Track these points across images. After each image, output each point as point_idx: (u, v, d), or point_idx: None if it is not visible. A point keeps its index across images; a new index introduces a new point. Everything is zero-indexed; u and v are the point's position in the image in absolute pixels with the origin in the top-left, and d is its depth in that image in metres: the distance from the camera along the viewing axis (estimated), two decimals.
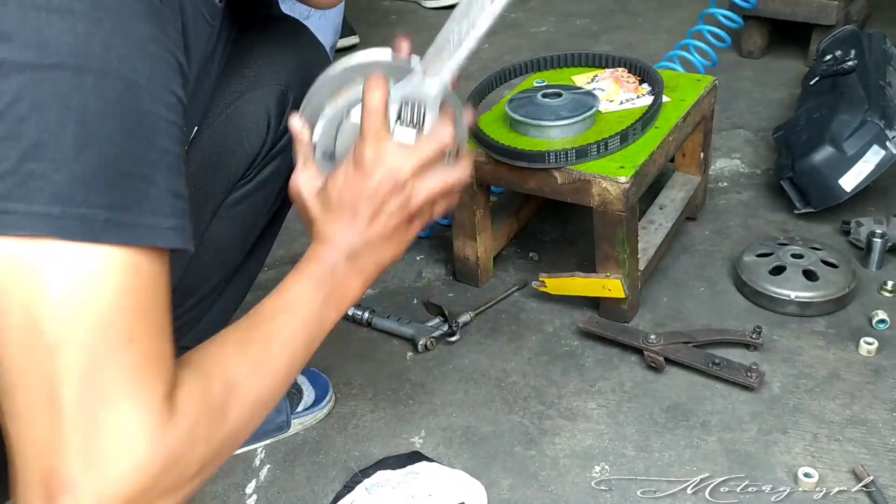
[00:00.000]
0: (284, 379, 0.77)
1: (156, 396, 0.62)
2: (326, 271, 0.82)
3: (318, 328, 0.81)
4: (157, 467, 0.62)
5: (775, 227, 1.58)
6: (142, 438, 0.61)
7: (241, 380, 0.71)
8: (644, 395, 1.23)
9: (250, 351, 0.74)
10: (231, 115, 0.99)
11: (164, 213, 0.63)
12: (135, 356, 0.61)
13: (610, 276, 1.31)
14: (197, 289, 1.05)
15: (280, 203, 1.08)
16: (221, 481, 1.14)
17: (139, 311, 0.62)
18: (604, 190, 1.24)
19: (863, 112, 1.51)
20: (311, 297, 0.80)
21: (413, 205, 0.82)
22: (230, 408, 0.70)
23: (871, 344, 1.26)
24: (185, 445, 0.64)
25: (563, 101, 1.35)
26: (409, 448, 1.17)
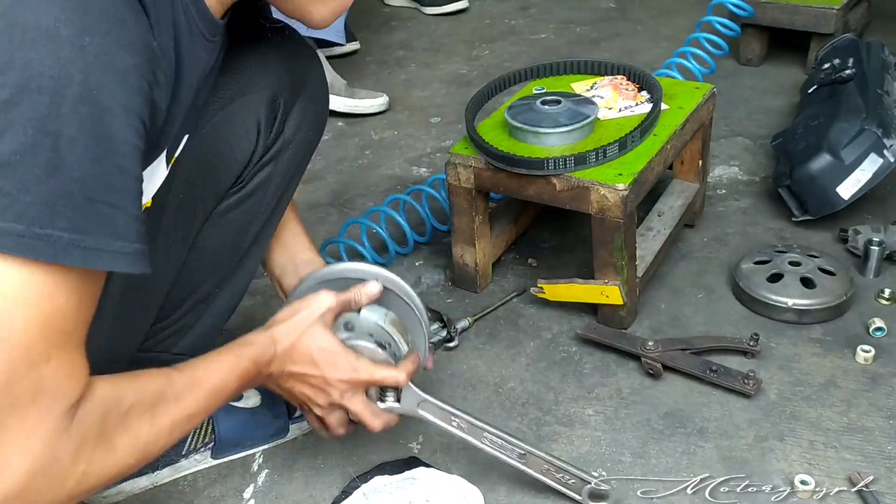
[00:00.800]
0: (178, 436, 0.83)
1: (60, 408, 0.67)
2: (258, 365, 0.93)
3: (218, 407, 0.90)
4: (41, 471, 0.67)
5: (773, 234, 1.58)
6: (37, 442, 0.66)
7: (140, 425, 0.77)
8: (641, 401, 1.23)
9: (160, 406, 0.80)
10: (220, 122, 1.00)
11: (130, 238, 0.66)
12: (50, 373, 0.66)
13: (608, 283, 1.31)
14: (189, 295, 1.06)
15: (273, 208, 1.08)
16: (219, 486, 1.15)
17: (64, 332, 0.66)
18: (602, 197, 1.25)
19: (861, 120, 1.51)
20: (232, 387, 0.89)
21: (333, 400, 1.00)
22: (119, 441, 0.74)
23: (868, 352, 1.26)
24: (70, 456, 0.69)
25: (562, 109, 1.35)
26: (407, 454, 1.17)
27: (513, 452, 1.05)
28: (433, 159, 1.98)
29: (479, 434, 1.06)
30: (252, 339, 0.95)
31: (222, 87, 0.99)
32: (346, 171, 1.96)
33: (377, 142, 2.08)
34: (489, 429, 1.05)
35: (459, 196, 1.40)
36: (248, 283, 1.13)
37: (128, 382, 0.79)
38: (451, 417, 1.06)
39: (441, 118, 2.17)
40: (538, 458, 1.05)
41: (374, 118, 2.20)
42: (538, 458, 1.05)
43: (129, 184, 0.65)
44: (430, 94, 2.32)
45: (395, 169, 1.95)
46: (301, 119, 1.07)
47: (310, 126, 1.09)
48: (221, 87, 0.99)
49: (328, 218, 1.77)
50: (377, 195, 1.83)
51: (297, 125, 1.07)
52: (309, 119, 1.08)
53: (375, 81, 2.42)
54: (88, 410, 0.71)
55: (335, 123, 2.18)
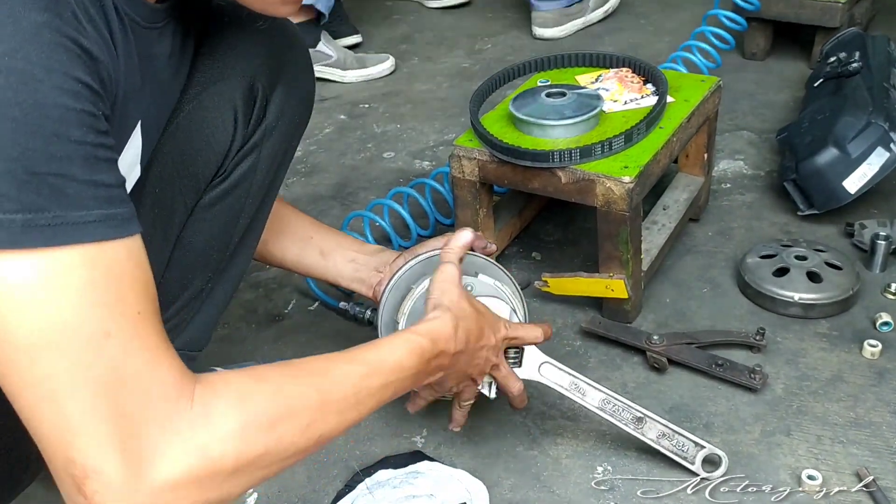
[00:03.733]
0: (350, 420, 0.77)
1: (166, 391, 0.62)
2: (438, 350, 0.90)
3: (395, 392, 0.85)
4: (195, 464, 0.62)
5: (779, 228, 1.57)
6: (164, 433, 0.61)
7: (302, 409, 0.71)
8: (647, 395, 1.22)
9: (324, 386, 0.75)
10: (194, 111, 0.95)
11: (87, 206, 0.60)
12: (118, 350, 0.61)
13: (613, 277, 1.30)
14: (180, 293, 1.03)
15: (262, 199, 1.05)
16: None
17: (108, 305, 0.61)
18: (608, 190, 1.24)
19: (867, 114, 1.50)
20: (408, 365, 0.85)
21: (493, 363, 1.01)
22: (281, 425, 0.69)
23: (875, 346, 1.25)
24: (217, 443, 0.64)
25: (568, 101, 1.34)
26: (411, 447, 1.16)
27: (629, 417, 1.07)
28: (436, 152, 1.97)
29: (598, 397, 1.08)
30: (427, 319, 0.93)
31: (194, 75, 0.95)
32: (349, 164, 1.95)
33: (379, 135, 2.07)
34: (608, 392, 1.08)
35: (463, 189, 1.39)
36: (241, 276, 1.10)
37: (267, 368, 0.74)
38: (571, 380, 1.08)
39: (444, 111, 2.16)
40: (654, 423, 1.07)
41: (377, 111, 2.19)
42: (655, 422, 1.07)
43: (72, 149, 0.60)
44: (433, 88, 2.30)
45: (397, 162, 1.94)
46: (284, 104, 1.02)
47: (294, 111, 1.04)
48: (193, 75, 0.95)
49: (330, 211, 1.76)
50: (380, 188, 1.82)
51: (280, 110, 1.02)
52: (293, 104, 1.03)
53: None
54: (213, 393, 0.65)
55: (337, 116, 2.17)
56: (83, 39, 0.62)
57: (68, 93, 0.60)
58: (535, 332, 1.06)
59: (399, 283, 1.10)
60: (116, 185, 0.64)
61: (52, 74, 0.59)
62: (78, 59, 0.61)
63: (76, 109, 0.60)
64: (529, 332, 1.06)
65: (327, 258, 1.18)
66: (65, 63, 0.60)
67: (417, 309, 1.04)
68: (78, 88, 0.61)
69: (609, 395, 1.08)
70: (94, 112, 0.62)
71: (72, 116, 0.60)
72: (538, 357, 1.08)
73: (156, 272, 0.99)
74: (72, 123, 0.60)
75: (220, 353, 1.34)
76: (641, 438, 1.07)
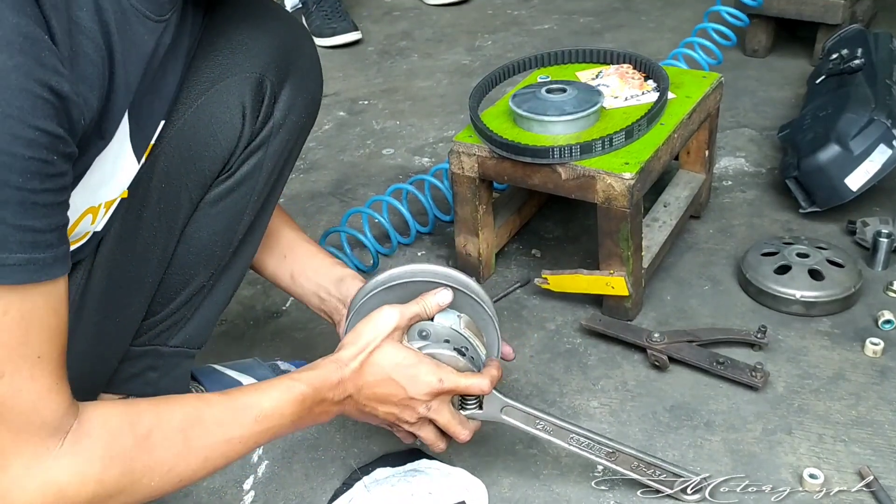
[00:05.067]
0: (218, 464, 0.81)
1: (39, 430, 0.67)
2: (319, 398, 0.90)
3: (272, 437, 0.86)
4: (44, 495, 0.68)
5: (780, 226, 1.56)
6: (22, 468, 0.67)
7: (166, 450, 0.76)
8: (647, 393, 1.21)
9: (194, 430, 0.78)
10: (202, 107, 0.95)
11: (10, 249, 0.63)
12: (6, 389, 0.65)
13: (613, 274, 1.29)
14: (182, 289, 1.03)
15: (266, 197, 1.04)
16: (219, 477, 1.13)
17: (8, 347, 0.65)
18: (608, 186, 1.23)
19: (869, 111, 1.49)
20: (286, 413, 0.86)
21: (420, 415, 0.98)
22: (138, 465, 0.74)
23: (878, 344, 1.24)
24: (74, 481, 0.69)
25: (568, 97, 1.33)
26: (410, 446, 1.15)
27: (601, 451, 1.03)
28: (435, 149, 1.96)
29: (566, 435, 1.03)
30: (315, 364, 0.93)
31: (203, 71, 0.95)
32: (348, 160, 1.94)
33: (379, 131, 2.06)
34: (575, 429, 1.03)
35: (463, 185, 1.38)
36: (243, 273, 1.10)
37: (145, 406, 0.77)
38: (536, 420, 1.03)
39: (443, 108, 2.15)
40: (627, 456, 1.03)
41: (377, 108, 2.18)
42: (628, 455, 1.03)
43: (8, 194, 0.62)
44: (433, 85, 2.29)
45: (397, 159, 1.93)
46: (291, 101, 1.01)
47: (301, 109, 1.03)
48: (202, 71, 0.95)
49: (329, 208, 1.75)
50: (379, 185, 1.81)
51: (288, 108, 1.01)
52: (301, 101, 1.03)
53: (377, 71, 2.40)
54: (85, 433, 0.70)
55: (336, 113, 2.16)
56: (55, 80, 0.64)
57: (21, 140, 0.62)
58: (482, 383, 0.98)
59: (353, 322, 1.04)
60: (48, 230, 0.66)
61: (8, 121, 0.61)
62: (43, 106, 0.63)
63: (24, 157, 0.62)
64: (474, 384, 0.98)
65: (296, 283, 1.15)
66: (25, 111, 0.62)
67: None
68: (33, 136, 0.62)
69: (578, 434, 1.03)
70: (46, 158, 0.64)
71: (17, 164, 0.62)
72: (500, 401, 1.02)
73: (159, 267, 1.00)
74: (14, 170, 0.62)
75: (218, 349, 1.33)
76: (617, 471, 1.04)
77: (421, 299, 1.00)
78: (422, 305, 0.99)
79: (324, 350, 1.33)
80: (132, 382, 1.08)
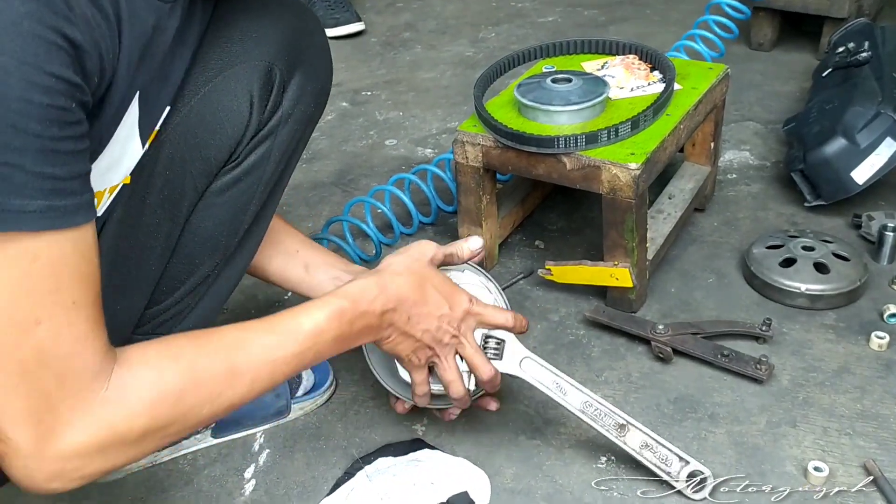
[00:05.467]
0: (260, 387, 0.82)
1: (81, 375, 0.68)
2: (360, 311, 0.90)
3: (316, 356, 0.87)
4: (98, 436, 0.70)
5: (785, 219, 1.55)
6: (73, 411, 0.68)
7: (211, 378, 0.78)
8: (651, 385, 1.21)
9: (236, 354, 0.80)
10: (209, 94, 0.94)
11: (30, 196, 0.63)
12: (47, 336, 0.66)
13: (618, 265, 1.29)
14: (186, 278, 1.02)
15: (273, 187, 1.04)
16: (220, 465, 1.12)
17: (43, 294, 0.66)
18: (613, 176, 1.22)
19: (876, 104, 1.48)
20: (326, 329, 0.87)
21: (454, 333, 0.98)
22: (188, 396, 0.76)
23: (883, 338, 1.24)
24: (124, 415, 0.71)
25: (573, 87, 1.32)
26: (411, 436, 1.15)
27: (611, 423, 1.02)
28: (438, 140, 1.95)
29: (579, 399, 1.03)
30: (355, 279, 0.94)
31: (211, 58, 0.94)
32: (350, 151, 1.93)
33: (382, 122, 2.05)
34: (590, 395, 1.03)
35: (467, 175, 1.37)
36: (248, 263, 1.09)
37: (184, 340, 0.79)
38: (553, 378, 1.04)
39: (447, 100, 2.14)
40: (638, 432, 1.02)
41: (380, 98, 2.17)
42: (638, 431, 1.02)
43: (28, 141, 0.62)
44: (436, 76, 2.28)
45: (399, 150, 1.92)
46: (300, 92, 1.01)
47: (311, 99, 1.03)
48: (210, 58, 0.94)
49: (331, 198, 1.74)
50: (381, 175, 1.80)
51: (297, 98, 1.00)
52: (310, 91, 1.02)
53: (380, 62, 2.39)
54: (128, 373, 0.72)
55: (339, 104, 2.15)
56: (69, 28, 0.63)
57: (37, 87, 0.62)
58: (506, 315, 1.02)
59: None
60: (69, 177, 0.66)
61: (23, 67, 0.60)
62: (57, 52, 0.63)
63: (42, 104, 0.62)
64: (499, 314, 1.01)
65: (311, 274, 1.16)
66: (40, 56, 0.61)
67: None
68: (50, 83, 0.62)
69: (591, 398, 1.03)
70: (64, 105, 0.64)
71: (34, 110, 0.62)
72: (520, 351, 1.04)
73: (162, 256, 0.99)
74: (32, 117, 0.62)
75: None
76: (623, 447, 1.03)
77: (454, 244, 1.05)
78: (455, 247, 1.04)
79: None
80: None
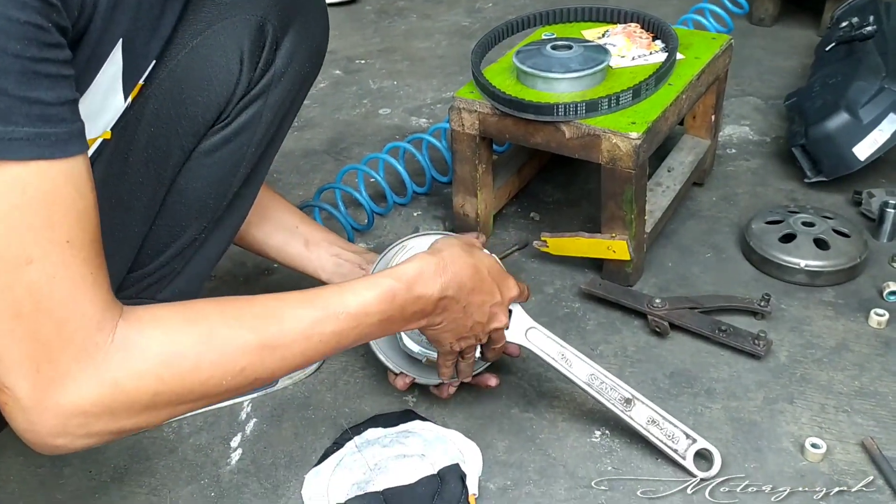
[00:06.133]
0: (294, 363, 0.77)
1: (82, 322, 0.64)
2: (414, 295, 0.87)
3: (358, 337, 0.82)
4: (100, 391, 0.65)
5: (784, 195, 1.53)
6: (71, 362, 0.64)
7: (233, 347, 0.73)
8: (647, 360, 1.18)
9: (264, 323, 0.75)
10: (197, 48, 0.89)
11: (16, 122, 0.59)
12: (39, 275, 0.61)
13: (615, 237, 1.26)
14: (172, 241, 0.98)
15: (264, 150, 1.00)
16: (206, 434, 1.10)
17: (31, 229, 0.61)
18: (614, 146, 1.19)
19: (880, 79, 1.46)
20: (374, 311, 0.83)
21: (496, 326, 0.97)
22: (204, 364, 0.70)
23: (882, 316, 1.22)
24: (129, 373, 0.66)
25: (574, 54, 1.29)
26: (402, 407, 1.13)
27: (616, 397, 1.01)
28: (433, 110, 1.91)
29: (585, 371, 1.02)
30: (410, 260, 0.90)
31: (201, 11, 0.90)
32: (343, 119, 1.89)
33: (375, 91, 2.01)
34: (596, 368, 1.02)
35: (462, 143, 1.34)
36: (237, 227, 1.06)
37: (206, 305, 0.75)
38: (559, 349, 1.03)
39: (442, 69, 2.10)
40: (644, 407, 1.01)
41: (374, 67, 2.13)
42: (644, 406, 1.01)
43: (8, 62, 0.58)
44: (432, 46, 2.24)
45: (393, 119, 1.88)
46: (294, 49, 0.96)
47: (305, 58, 0.98)
48: (200, 11, 0.90)
49: (323, 166, 1.71)
50: (374, 144, 1.76)
51: (290, 56, 0.96)
52: (304, 50, 0.97)
53: (374, 31, 2.34)
54: (135, 328, 0.67)
55: (332, 71, 2.11)
56: None
57: (12, 2, 0.58)
58: (520, 286, 1.03)
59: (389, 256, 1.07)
60: (57, 103, 0.62)
61: None
62: None
63: (18, 20, 0.58)
64: (515, 287, 1.02)
65: (311, 249, 1.15)
66: None
67: None
68: (31, 1, 0.59)
69: (597, 371, 1.02)
70: (41, 24, 0.60)
71: (12, 28, 0.58)
72: (526, 321, 1.03)
73: (146, 216, 0.95)
74: (11, 36, 0.58)
75: None
76: (629, 422, 1.01)
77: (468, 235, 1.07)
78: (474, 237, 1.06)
79: None
80: None
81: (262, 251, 1.17)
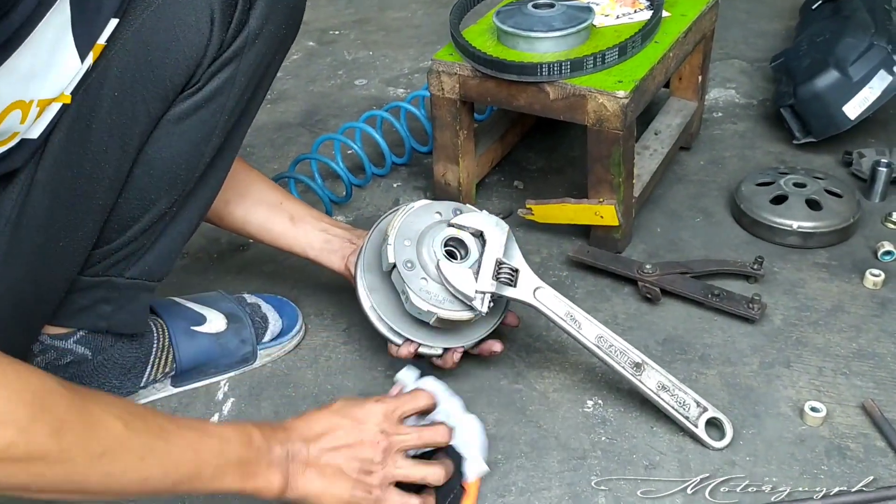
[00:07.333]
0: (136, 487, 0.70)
1: None
2: (266, 448, 0.80)
3: (207, 481, 0.75)
4: None
5: (773, 158, 1.49)
6: None
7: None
8: (639, 327, 1.15)
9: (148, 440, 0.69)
10: (163, 7, 0.83)
11: None
12: None
13: (603, 202, 1.22)
14: (140, 215, 0.92)
15: (238, 117, 0.94)
16: (180, 414, 1.05)
17: None
18: (600, 106, 1.14)
19: (869, 36, 1.42)
20: (228, 453, 0.76)
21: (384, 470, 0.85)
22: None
23: (878, 276, 1.19)
24: None
25: (556, 13, 1.24)
26: (386, 382, 1.08)
27: (626, 361, 0.98)
28: (411, 80, 1.85)
29: (593, 332, 0.99)
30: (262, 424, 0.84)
31: None
32: (318, 91, 1.83)
33: (351, 62, 1.95)
34: (605, 330, 0.99)
35: (443, 108, 1.28)
36: (210, 201, 1.00)
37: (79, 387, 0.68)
38: (567, 309, 1.00)
39: (418, 39, 2.04)
40: (655, 372, 0.97)
41: (348, 38, 2.07)
42: (655, 371, 0.97)
43: None
44: (407, 15, 2.18)
45: (370, 89, 1.82)
46: (269, 10, 0.90)
47: (281, 19, 0.92)
48: None
49: (299, 139, 1.65)
50: (351, 116, 1.70)
51: (265, 17, 0.89)
52: (280, 10, 0.91)
53: (348, 2, 2.27)
54: (4, 372, 0.61)
55: (305, 43, 2.04)
56: None
57: None
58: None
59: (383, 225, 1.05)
60: None
61: None
62: None
63: None
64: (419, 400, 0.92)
65: (297, 225, 1.09)
66: None
67: (409, 223, 1.01)
68: None
69: (606, 333, 0.99)
70: None
71: None
72: (534, 280, 1.00)
73: (111, 187, 0.89)
74: None
75: (180, 284, 1.23)
76: (638, 386, 0.98)
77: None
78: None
79: (293, 283, 1.25)
80: (82, 315, 0.98)
81: (243, 230, 1.11)
